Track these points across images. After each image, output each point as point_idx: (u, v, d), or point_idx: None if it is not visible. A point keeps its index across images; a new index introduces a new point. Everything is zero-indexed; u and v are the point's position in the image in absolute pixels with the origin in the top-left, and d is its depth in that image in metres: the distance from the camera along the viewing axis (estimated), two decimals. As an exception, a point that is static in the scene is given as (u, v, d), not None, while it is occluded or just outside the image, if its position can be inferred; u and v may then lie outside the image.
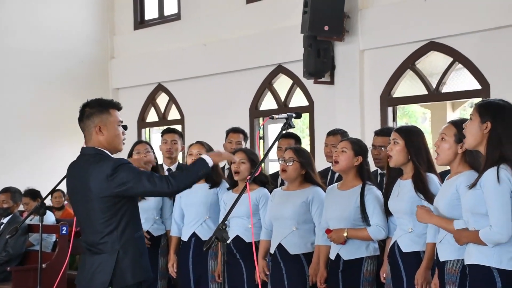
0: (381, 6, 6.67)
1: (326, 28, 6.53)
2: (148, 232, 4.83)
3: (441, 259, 3.34)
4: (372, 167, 4.56)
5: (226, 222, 3.10)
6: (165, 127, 6.09)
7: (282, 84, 7.82)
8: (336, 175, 5.00)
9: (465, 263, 3.11)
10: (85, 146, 3.36)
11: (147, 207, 4.79)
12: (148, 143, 5.14)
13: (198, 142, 4.84)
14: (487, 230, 2.95)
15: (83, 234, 3.36)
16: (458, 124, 3.28)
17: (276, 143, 3.94)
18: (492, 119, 3.02)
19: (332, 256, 4.06)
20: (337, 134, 5.12)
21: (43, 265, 5.40)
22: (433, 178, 3.68)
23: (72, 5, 9.45)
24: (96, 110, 3.33)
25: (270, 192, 4.56)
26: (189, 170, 3.29)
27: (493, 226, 2.93)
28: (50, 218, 6.99)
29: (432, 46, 6.37)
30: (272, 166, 7.67)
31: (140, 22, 9.55)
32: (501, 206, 2.92)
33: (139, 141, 5.11)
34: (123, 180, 3.18)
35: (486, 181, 2.96)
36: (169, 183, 3.18)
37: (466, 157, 3.30)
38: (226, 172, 5.60)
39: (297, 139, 5.34)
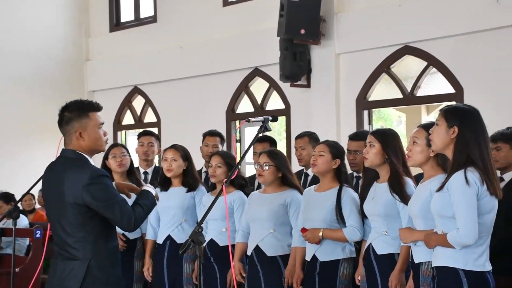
0: (356, 10, 6.72)
1: (302, 31, 6.56)
2: (123, 235, 4.80)
3: (416, 261, 3.37)
4: (348, 170, 4.59)
5: (202, 225, 3.09)
6: (141, 130, 6.06)
7: (258, 87, 7.83)
8: (310, 177, 5.04)
9: (432, 265, 3.15)
10: (65, 148, 3.32)
11: (123, 211, 4.75)
12: (124, 146, 5.09)
13: (173, 147, 4.81)
14: (454, 233, 3.00)
15: (55, 237, 3.32)
16: (429, 128, 3.32)
17: (252, 146, 3.95)
18: (459, 124, 3.07)
19: (308, 258, 4.08)
20: (304, 136, 5.16)
21: (16, 269, 5.33)
22: (408, 181, 3.72)
23: (46, 6, 9.36)
24: (75, 115, 3.28)
25: (248, 195, 4.57)
26: (147, 207, 3.30)
27: (460, 229, 2.97)
28: (23, 221, 6.90)
29: (407, 50, 6.43)
30: (249, 169, 7.68)
31: (116, 24, 9.49)
32: (468, 209, 2.97)
33: (115, 144, 5.06)
34: (97, 197, 3.15)
35: (453, 184, 3.00)
36: (135, 223, 3.20)
37: (439, 160, 3.34)
38: (203, 176, 5.59)
39: (272, 142, 5.35)
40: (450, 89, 6.18)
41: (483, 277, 3.02)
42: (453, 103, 5.57)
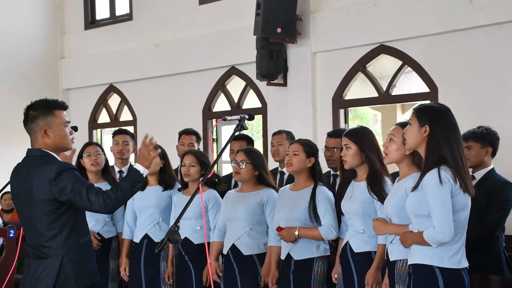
0: (332, 9, 6.75)
1: (279, 30, 6.57)
2: (98, 234, 4.77)
3: (392, 259, 3.40)
4: (325, 168, 4.62)
5: (178, 224, 3.09)
6: (117, 128, 6.02)
7: (235, 85, 7.83)
8: (286, 175, 5.06)
9: (408, 263, 3.18)
10: (30, 147, 3.29)
11: (98, 209, 4.72)
12: (99, 145, 5.06)
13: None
14: (430, 231, 3.03)
15: (27, 237, 3.30)
16: (406, 126, 3.35)
17: (229, 145, 3.94)
18: (430, 123, 3.11)
19: (283, 256, 4.09)
20: (282, 133, 5.21)
21: (-11, 269, 5.25)
22: (387, 180, 3.74)
23: (20, 3, 9.23)
24: (40, 112, 3.26)
25: (221, 193, 4.57)
26: (123, 187, 3.21)
27: (436, 227, 3.01)
28: (-3, 221, 6.81)
29: (382, 49, 6.48)
30: (226, 168, 7.67)
31: (91, 22, 9.40)
32: (443, 207, 3.00)
33: (89, 143, 5.02)
34: (64, 189, 3.13)
35: (428, 183, 3.04)
36: (106, 204, 3.15)
37: (414, 159, 3.37)
38: (179, 175, 5.57)
39: (249, 141, 5.36)
40: (424, 88, 6.24)
41: (458, 274, 3.06)
42: (428, 102, 5.63)
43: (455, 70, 5.98)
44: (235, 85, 7.81)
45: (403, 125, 3.41)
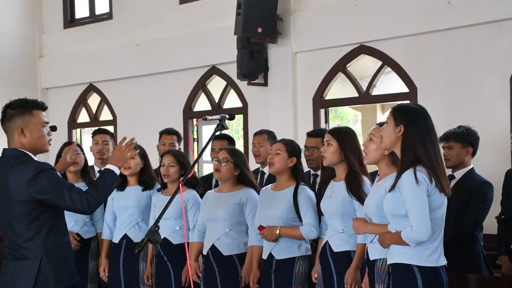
0: (313, 9, 6.77)
1: (260, 30, 6.57)
2: (78, 234, 4.74)
3: (371, 258, 3.42)
4: (305, 168, 4.63)
5: (158, 224, 3.08)
6: (96, 128, 5.98)
7: (216, 85, 7.82)
8: (266, 175, 5.06)
9: (387, 263, 3.20)
10: (6, 147, 3.26)
11: (77, 210, 4.69)
12: (78, 145, 5.03)
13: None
14: (408, 231, 3.05)
15: (5, 238, 3.26)
16: (385, 126, 3.37)
17: (210, 144, 3.93)
18: (405, 122, 3.14)
19: (265, 256, 4.09)
20: (263, 133, 5.20)
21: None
22: (366, 180, 3.76)
23: (-2, 2, 9.14)
24: (17, 111, 3.23)
25: (200, 194, 4.56)
26: (102, 186, 3.24)
27: (413, 226, 3.03)
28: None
29: (363, 49, 6.51)
30: (206, 168, 7.66)
31: (71, 21, 9.32)
32: (420, 207, 3.02)
33: (68, 143, 4.99)
34: (44, 189, 3.11)
35: (404, 183, 3.06)
36: (89, 203, 3.15)
37: (394, 159, 3.39)
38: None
39: (231, 141, 5.36)
40: (404, 88, 6.29)
41: (437, 272, 3.09)
42: (407, 102, 5.68)
43: (434, 70, 6.03)
44: (216, 85, 7.80)
45: (382, 125, 3.42)
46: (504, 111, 5.50)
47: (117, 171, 3.31)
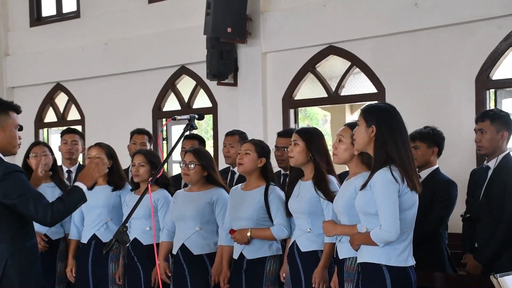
0: (282, 10, 6.79)
1: (229, 30, 6.57)
2: (46, 235, 4.68)
3: (341, 257, 3.45)
4: (276, 167, 4.65)
5: (126, 225, 3.06)
6: (64, 128, 5.92)
7: (185, 85, 7.79)
8: (237, 175, 5.07)
9: (357, 262, 3.23)
10: None
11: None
12: (46, 145, 4.96)
13: (97, 145, 4.74)
14: (377, 231, 3.08)
15: None
16: (354, 127, 3.40)
17: (180, 144, 3.92)
18: (377, 123, 3.16)
19: (236, 256, 4.10)
20: (235, 134, 5.19)
21: None
22: (332, 179, 3.79)
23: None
24: None
25: (172, 194, 4.55)
26: (69, 201, 3.26)
27: (382, 226, 3.06)
28: None
29: (331, 50, 6.56)
30: (176, 167, 7.63)
31: (37, 19, 9.19)
32: (390, 206, 3.06)
33: (36, 143, 4.92)
34: (10, 193, 3.07)
35: (376, 182, 3.09)
36: (52, 216, 3.14)
37: (363, 158, 3.43)
38: (130, 175, 5.51)
39: (201, 140, 5.35)
40: (372, 89, 6.35)
41: (405, 272, 3.13)
42: (376, 102, 5.74)
43: (401, 71, 6.10)
44: (185, 85, 7.78)
45: (351, 125, 3.46)
46: (470, 111, 5.59)
47: (85, 189, 3.33)
